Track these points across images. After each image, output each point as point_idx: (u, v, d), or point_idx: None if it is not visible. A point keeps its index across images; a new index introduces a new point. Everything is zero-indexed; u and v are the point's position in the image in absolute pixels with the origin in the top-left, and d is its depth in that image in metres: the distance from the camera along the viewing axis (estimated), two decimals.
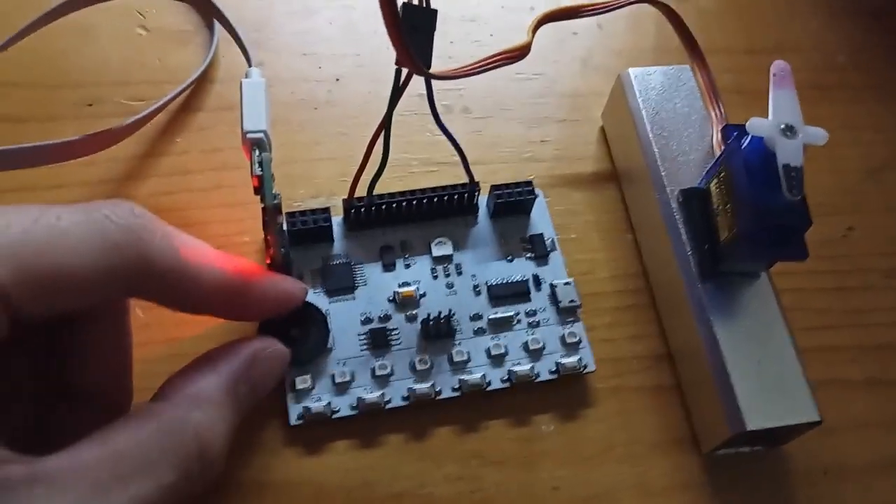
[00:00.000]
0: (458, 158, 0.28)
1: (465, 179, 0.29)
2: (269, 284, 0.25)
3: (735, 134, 0.27)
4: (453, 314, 0.28)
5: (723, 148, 0.28)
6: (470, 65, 0.25)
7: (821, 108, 0.36)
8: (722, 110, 0.31)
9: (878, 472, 0.29)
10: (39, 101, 0.32)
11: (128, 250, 0.20)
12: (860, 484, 0.29)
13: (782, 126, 0.25)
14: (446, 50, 0.36)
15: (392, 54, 0.23)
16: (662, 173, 0.30)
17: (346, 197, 0.29)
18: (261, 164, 0.24)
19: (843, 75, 0.38)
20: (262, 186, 0.24)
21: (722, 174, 0.28)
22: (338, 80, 0.35)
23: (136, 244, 0.20)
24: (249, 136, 0.25)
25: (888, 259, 0.33)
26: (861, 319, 0.32)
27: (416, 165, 0.33)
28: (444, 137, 0.27)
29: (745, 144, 0.26)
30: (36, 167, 0.28)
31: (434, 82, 0.26)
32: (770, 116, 0.26)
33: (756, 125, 0.25)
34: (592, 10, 0.30)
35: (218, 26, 0.34)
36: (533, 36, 0.27)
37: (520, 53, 0.26)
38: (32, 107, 0.32)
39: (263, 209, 0.25)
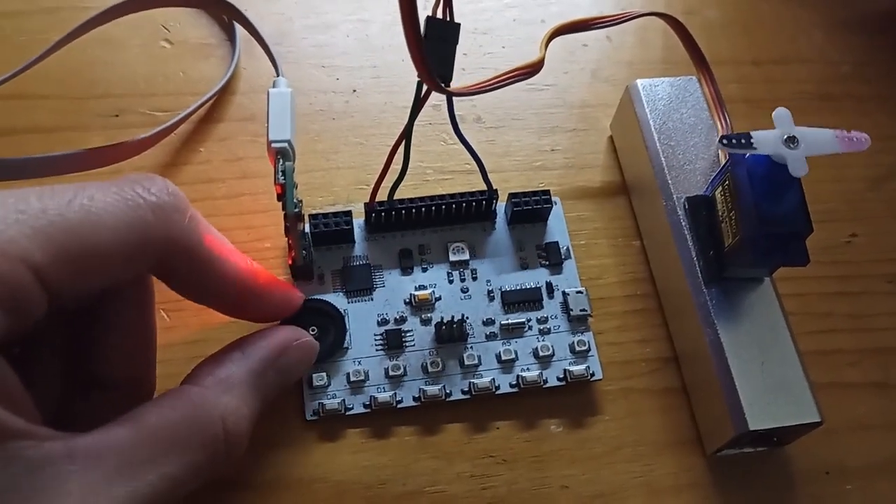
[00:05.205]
0: (471, 167, 0.29)
1: (479, 187, 0.30)
2: (275, 289, 0.26)
3: None
4: (466, 318, 0.29)
5: (728, 157, 0.29)
6: (486, 81, 0.26)
7: (826, 118, 0.36)
8: (727, 120, 0.32)
9: (878, 472, 0.29)
10: (67, 111, 0.34)
11: (157, 228, 0.21)
12: (861, 484, 0.29)
13: (785, 137, 0.26)
14: (459, 61, 0.36)
15: (407, 67, 0.23)
16: (669, 181, 0.31)
17: (366, 202, 0.30)
18: (283, 172, 0.25)
19: (847, 86, 0.39)
20: (283, 195, 0.25)
21: (727, 182, 0.28)
22: (354, 91, 0.36)
23: (165, 222, 0.21)
24: (274, 145, 0.26)
25: (890, 265, 0.34)
26: (863, 324, 0.32)
27: (431, 174, 0.34)
28: (457, 146, 0.28)
29: (748, 154, 0.27)
30: (65, 175, 0.29)
31: None
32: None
33: (761, 139, 0.26)
34: (602, 22, 0.31)
35: (239, 39, 0.36)
36: (545, 51, 0.28)
37: (533, 69, 0.27)
38: (61, 117, 0.33)
39: (285, 216, 0.26)
